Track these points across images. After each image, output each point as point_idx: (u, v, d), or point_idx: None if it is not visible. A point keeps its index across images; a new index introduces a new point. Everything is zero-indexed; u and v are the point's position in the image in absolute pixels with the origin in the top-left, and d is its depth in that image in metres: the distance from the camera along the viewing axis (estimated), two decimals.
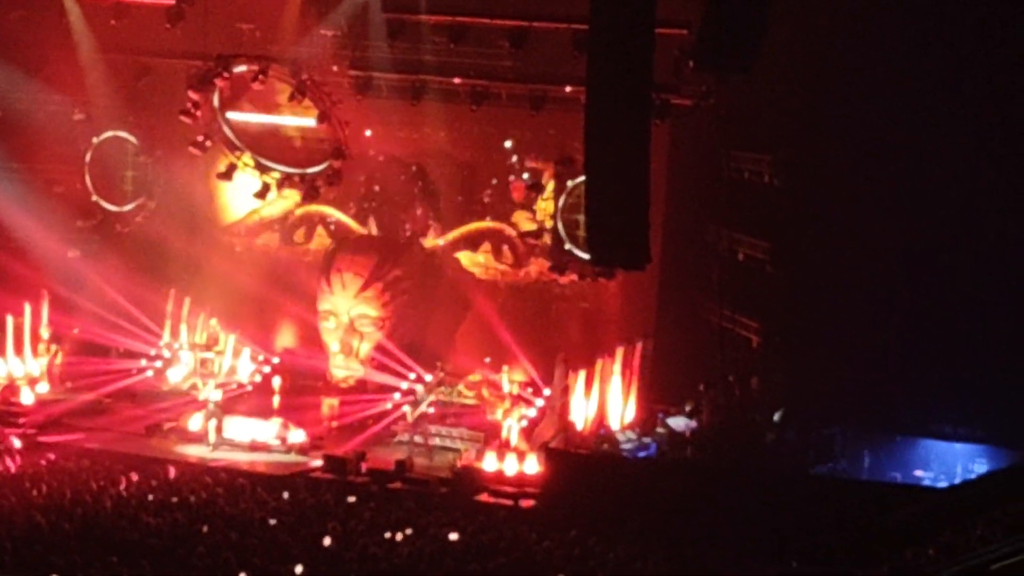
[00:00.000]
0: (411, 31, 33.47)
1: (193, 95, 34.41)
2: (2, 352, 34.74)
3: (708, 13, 21.84)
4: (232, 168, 35.89)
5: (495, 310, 35.85)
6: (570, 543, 23.02)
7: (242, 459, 30.72)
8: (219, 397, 32.11)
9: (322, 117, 34.39)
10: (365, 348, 35.50)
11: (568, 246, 34.66)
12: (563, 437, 31.02)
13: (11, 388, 33.52)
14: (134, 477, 26.42)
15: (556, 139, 34.42)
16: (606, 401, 32.41)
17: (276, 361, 36.12)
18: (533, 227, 35.57)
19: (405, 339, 35.43)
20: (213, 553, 19.89)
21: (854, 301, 29.59)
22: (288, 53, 34.21)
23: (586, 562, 21.98)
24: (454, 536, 22.70)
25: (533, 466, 29.71)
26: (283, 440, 31.75)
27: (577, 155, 30.23)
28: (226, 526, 22.00)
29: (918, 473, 29.93)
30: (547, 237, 35.24)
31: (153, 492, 25.10)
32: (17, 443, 30.29)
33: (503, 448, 30.88)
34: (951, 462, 29.93)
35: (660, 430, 31.66)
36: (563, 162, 34.01)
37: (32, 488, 24.50)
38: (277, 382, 34.82)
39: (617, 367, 32.64)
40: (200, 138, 35.00)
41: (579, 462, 29.40)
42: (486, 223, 36.66)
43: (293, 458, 31.13)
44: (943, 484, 28.72)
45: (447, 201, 37.02)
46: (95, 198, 37.90)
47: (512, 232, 36.18)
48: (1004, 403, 28.12)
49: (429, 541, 22.19)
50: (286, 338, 37.53)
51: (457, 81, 33.82)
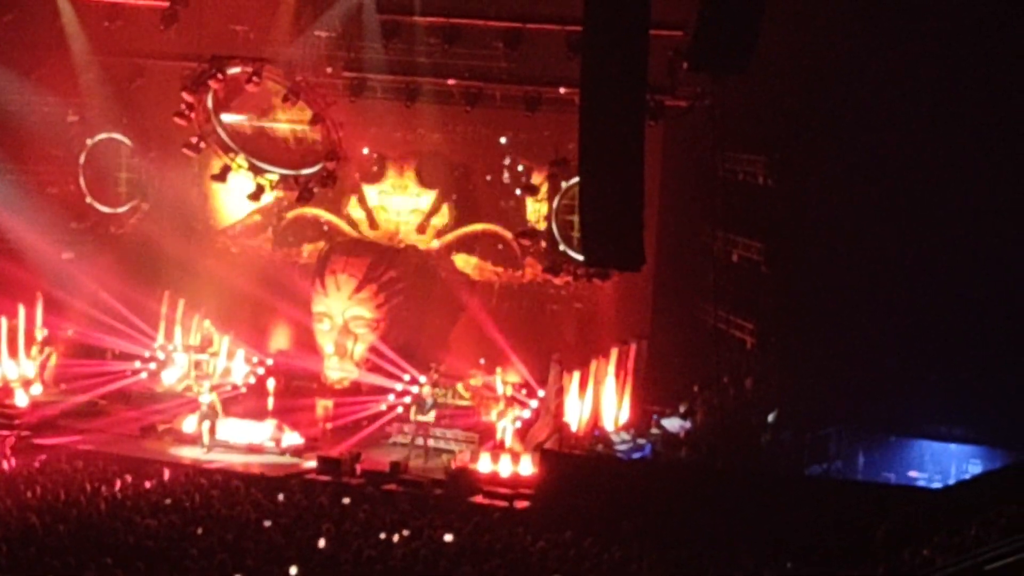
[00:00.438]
0: (405, 32, 33.48)
1: (187, 97, 34.36)
2: None
3: (702, 14, 21.80)
4: (226, 170, 35.87)
5: (489, 311, 35.86)
6: (565, 544, 23.00)
7: (237, 461, 30.70)
8: (212, 399, 32.08)
9: (316, 119, 34.38)
10: (359, 350, 35.52)
11: (563, 247, 34.68)
12: (558, 438, 31.02)
13: (5, 390, 33.49)
14: (128, 479, 26.39)
15: (550, 140, 34.37)
16: (600, 402, 32.42)
17: (270, 363, 36.11)
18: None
19: (399, 341, 35.43)
20: (208, 555, 19.87)
21: (848, 302, 29.58)
22: (282, 55, 34.18)
23: (581, 563, 21.95)
24: (449, 537, 22.69)
25: (528, 467, 29.70)
26: (277, 442, 31.74)
27: (571, 156, 30.26)
28: (221, 528, 21.99)
29: (913, 474, 29.93)
30: (542, 238, 35.21)
31: (148, 494, 25.09)
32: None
33: (498, 449, 30.88)
34: (946, 463, 29.92)
35: (655, 431, 31.71)
36: (557, 163, 33.98)
37: (26, 490, 24.49)
38: (271, 384, 34.81)
39: (611, 368, 32.65)
40: (194, 140, 34.95)
41: (574, 463, 29.37)
42: (481, 225, 36.67)
43: (287, 460, 31.12)
44: (938, 485, 28.73)
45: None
46: (89, 200, 37.91)
47: (507, 234, 36.19)
48: (998, 404, 28.10)
49: (424, 543, 22.17)
50: (280, 340, 37.52)
51: (451, 82, 33.84)
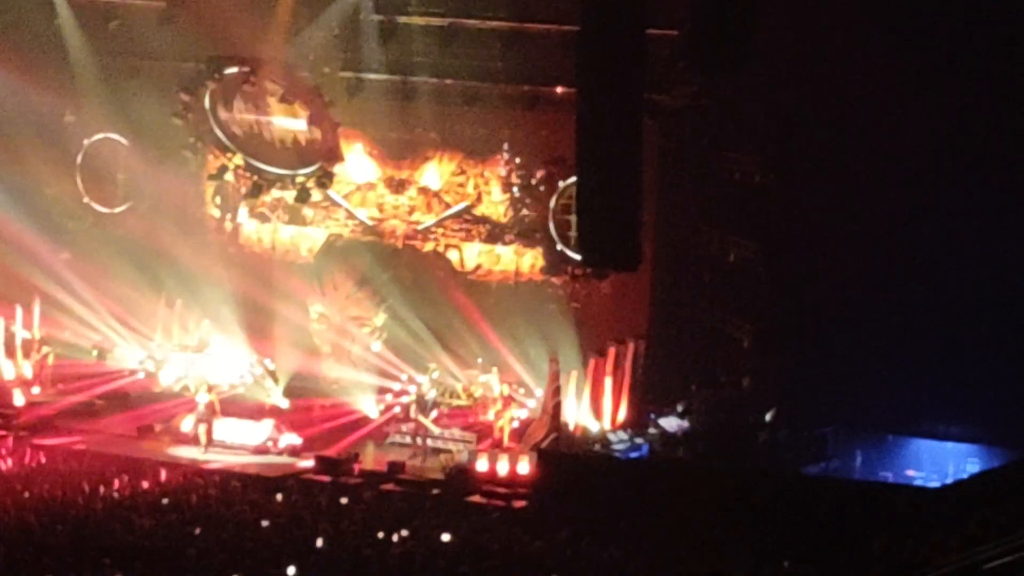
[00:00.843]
0: (402, 33, 33.51)
1: (184, 97, 34.40)
2: None
3: (698, 13, 21.84)
4: (223, 170, 35.86)
5: (487, 310, 35.81)
6: (562, 544, 23.01)
7: (234, 461, 30.68)
8: (210, 399, 32.06)
9: (313, 119, 34.37)
10: (357, 350, 35.49)
11: (560, 247, 34.63)
12: (555, 438, 31.03)
13: (3, 390, 33.45)
14: (126, 479, 26.38)
15: (548, 140, 34.32)
16: (598, 402, 32.42)
17: (268, 363, 36.08)
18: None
19: (397, 340, 35.41)
20: (205, 555, 19.88)
21: (845, 301, 29.61)
22: (279, 55, 34.19)
23: (578, 563, 21.97)
24: (446, 537, 22.70)
25: (525, 467, 29.69)
26: (275, 442, 31.72)
27: (569, 156, 30.26)
28: (218, 528, 22.00)
29: (910, 472, 29.96)
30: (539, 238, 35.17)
31: (145, 494, 25.09)
32: None
33: (495, 449, 30.87)
34: (943, 461, 29.96)
35: (652, 431, 31.70)
36: (555, 162, 33.96)
37: (24, 490, 24.48)
38: (269, 384, 34.80)
39: (609, 367, 32.65)
40: (191, 140, 34.97)
41: (571, 463, 29.37)
42: (482, 226, 36.59)
43: (285, 460, 31.11)
44: (935, 484, 28.74)
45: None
46: (86, 200, 37.87)
47: (511, 230, 35.96)
48: (996, 402, 28.15)
49: (421, 542, 22.18)
50: (278, 340, 37.45)
51: (449, 82, 33.85)
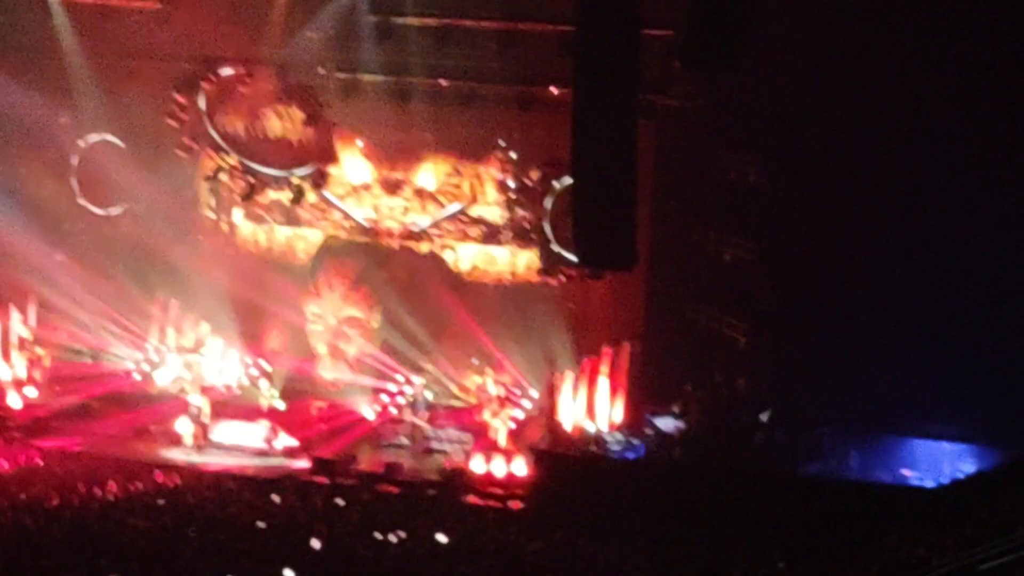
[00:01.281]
0: (398, 33, 33.41)
1: (179, 98, 34.37)
2: None
3: (694, 13, 21.82)
4: (218, 171, 35.81)
5: (483, 311, 35.75)
6: (559, 544, 23.04)
7: (230, 462, 30.66)
8: (202, 401, 31.98)
9: (309, 120, 34.33)
10: (353, 351, 35.47)
11: (555, 247, 34.57)
12: (551, 439, 31.01)
13: None
14: (122, 480, 26.37)
15: (544, 140, 34.22)
16: (594, 402, 32.38)
17: (264, 364, 36.03)
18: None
19: (393, 342, 35.37)
20: (201, 556, 19.87)
21: (841, 301, 29.57)
22: (274, 56, 34.14)
23: (575, 564, 21.98)
24: (443, 538, 22.70)
25: (521, 468, 29.70)
26: (271, 443, 31.72)
27: (564, 156, 30.21)
28: (214, 529, 21.99)
29: (906, 473, 29.92)
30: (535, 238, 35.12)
31: (141, 495, 25.08)
32: None
33: (491, 450, 30.86)
34: (939, 462, 29.90)
35: (648, 431, 31.66)
36: (550, 163, 33.89)
37: (19, 491, 24.46)
38: (265, 385, 34.77)
39: (605, 368, 32.61)
40: (186, 141, 34.92)
41: (567, 464, 29.36)
42: (478, 227, 36.52)
43: (281, 461, 31.09)
44: (931, 484, 28.72)
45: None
46: (81, 201, 37.74)
47: (507, 231, 35.85)
48: (992, 402, 28.09)
49: (418, 543, 22.18)
50: (274, 341, 37.41)
51: (444, 83, 33.81)
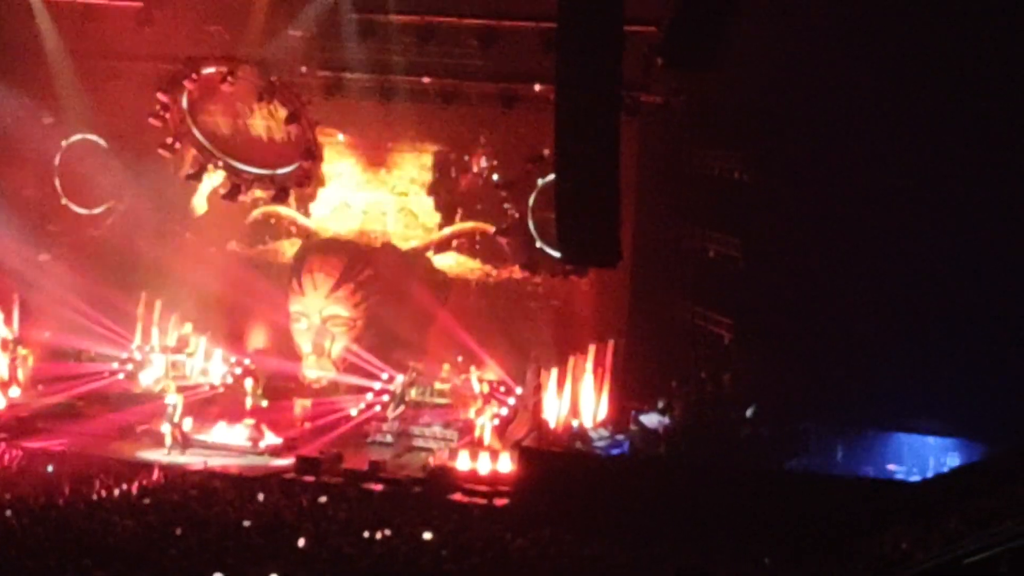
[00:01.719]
0: (380, 31, 33.42)
1: (162, 97, 34.33)
2: None
3: (677, 10, 21.85)
4: (201, 170, 35.81)
5: (467, 309, 35.80)
6: (544, 541, 23.03)
7: (215, 461, 30.63)
8: (178, 400, 31.93)
9: (292, 118, 34.33)
10: (337, 349, 35.48)
11: (540, 244, 34.58)
12: (536, 435, 31.04)
13: None
14: (107, 480, 26.33)
15: (526, 137, 34.27)
16: (579, 399, 32.43)
17: (248, 363, 35.99)
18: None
19: (377, 339, 35.40)
20: (187, 555, 19.84)
21: (825, 296, 29.62)
22: (257, 54, 34.11)
23: (560, 560, 21.98)
24: (428, 535, 22.69)
25: (507, 465, 29.71)
26: (256, 442, 31.71)
27: (548, 153, 30.24)
28: (200, 528, 21.94)
29: (891, 467, 29.99)
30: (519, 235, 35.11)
31: (126, 495, 25.03)
32: None
33: (476, 447, 30.88)
34: (924, 456, 29.98)
35: (633, 427, 31.68)
36: (534, 160, 33.91)
37: (4, 491, 24.39)
38: (249, 384, 34.74)
39: (589, 365, 32.67)
40: (169, 140, 34.90)
41: (552, 460, 29.39)
42: (460, 224, 36.57)
43: (266, 460, 31.08)
44: (916, 478, 28.80)
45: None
46: (65, 201, 37.74)
47: (490, 228, 35.87)
48: (976, 397, 28.14)
49: (404, 541, 22.17)
50: (258, 340, 37.41)
51: (427, 80, 33.82)
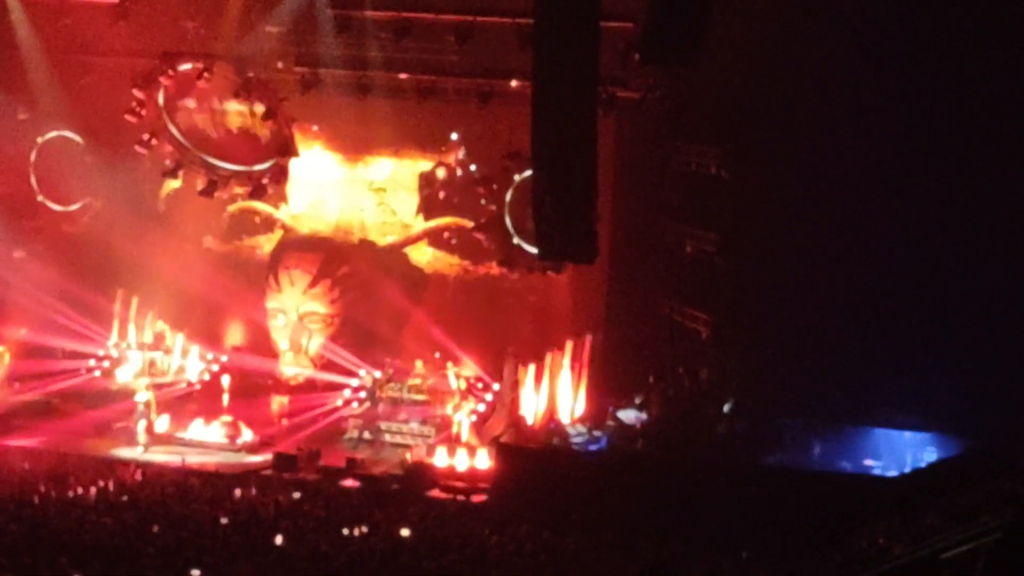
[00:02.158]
0: (356, 27, 33.36)
1: (138, 93, 34.22)
2: None
3: (653, 6, 21.83)
4: (178, 166, 35.72)
5: (444, 305, 35.78)
6: (522, 537, 23.04)
7: (192, 458, 30.56)
8: (148, 397, 31.85)
9: (268, 114, 34.27)
10: (314, 345, 35.45)
11: (516, 240, 34.55)
12: (513, 432, 31.03)
13: None
14: (83, 477, 26.26)
15: (503, 133, 34.18)
16: (556, 395, 32.42)
17: (225, 360, 35.94)
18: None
19: (354, 335, 35.36)
20: (164, 553, 19.80)
21: (803, 292, 29.64)
22: (233, 50, 34.03)
23: (538, 556, 21.98)
24: (406, 532, 22.68)
25: (484, 461, 29.72)
26: (233, 439, 31.66)
27: (524, 149, 30.18)
28: (177, 525, 21.91)
29: (868, 463, 30.02)
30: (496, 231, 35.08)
31: (103, 492, 24.97)
32: None
33: (454, 443, 30.87)
34: (901, 451, 30.02)
35: (611, 423, 31.68)
36: (511, 156, 33.86)
37: None
38: (226, 381, 34.68)
39: (567, 361, 32.64)
40: (146, 136, 34.80)
41: (530, 456, 29.39)
42: (438, 220, 36.53)
43: (243, 457, 31.03)
44: (893, 473, 28.85)
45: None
46: (40, 198, 37.58)
47: (468, 223, 35.81)
48: (953, 392, 28.19)
49: (381, 538, 22.15)
50: (235, 336, 37.36)
51: (403, 76, 33.78)
